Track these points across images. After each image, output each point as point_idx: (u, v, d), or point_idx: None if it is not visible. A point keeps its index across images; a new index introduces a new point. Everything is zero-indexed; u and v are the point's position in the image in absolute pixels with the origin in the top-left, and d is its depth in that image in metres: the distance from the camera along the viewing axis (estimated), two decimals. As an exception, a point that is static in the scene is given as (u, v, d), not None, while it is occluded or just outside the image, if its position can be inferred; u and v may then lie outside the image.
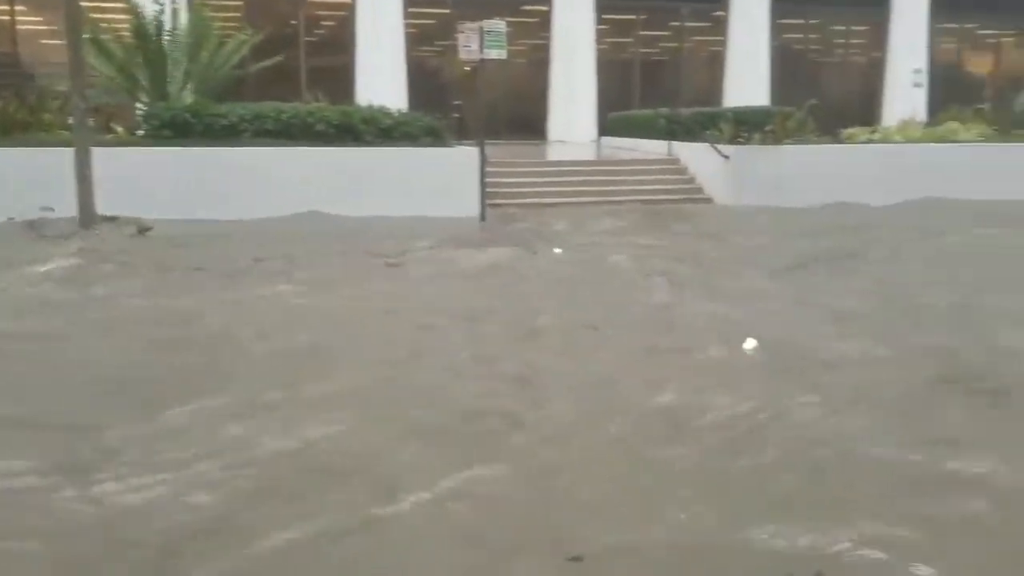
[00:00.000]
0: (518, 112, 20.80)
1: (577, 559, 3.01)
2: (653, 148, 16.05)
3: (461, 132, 14.40)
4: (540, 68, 20.81)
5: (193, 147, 11.33)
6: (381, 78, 18.38)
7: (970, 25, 23.35)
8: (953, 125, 15.62)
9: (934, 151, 14.44)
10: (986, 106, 17.58)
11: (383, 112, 12.67)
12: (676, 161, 15.07)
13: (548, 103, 20.80)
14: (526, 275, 8.11)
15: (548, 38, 20.62)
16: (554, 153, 18.22)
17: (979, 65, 24.16)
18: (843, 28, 22.95)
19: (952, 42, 23.44)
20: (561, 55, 20.51)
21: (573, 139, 20.07)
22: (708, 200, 13.89)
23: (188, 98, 12.87)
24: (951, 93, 19.96)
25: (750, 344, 5.42)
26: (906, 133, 15.52)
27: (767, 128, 14.13)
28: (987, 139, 15.17)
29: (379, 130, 12.31)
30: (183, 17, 13.43)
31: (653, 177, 14.63)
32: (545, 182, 14.08)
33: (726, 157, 13.54)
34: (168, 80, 12.87)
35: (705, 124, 14.80)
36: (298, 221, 10.68)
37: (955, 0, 21.49)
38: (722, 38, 21.57)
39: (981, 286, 7.44)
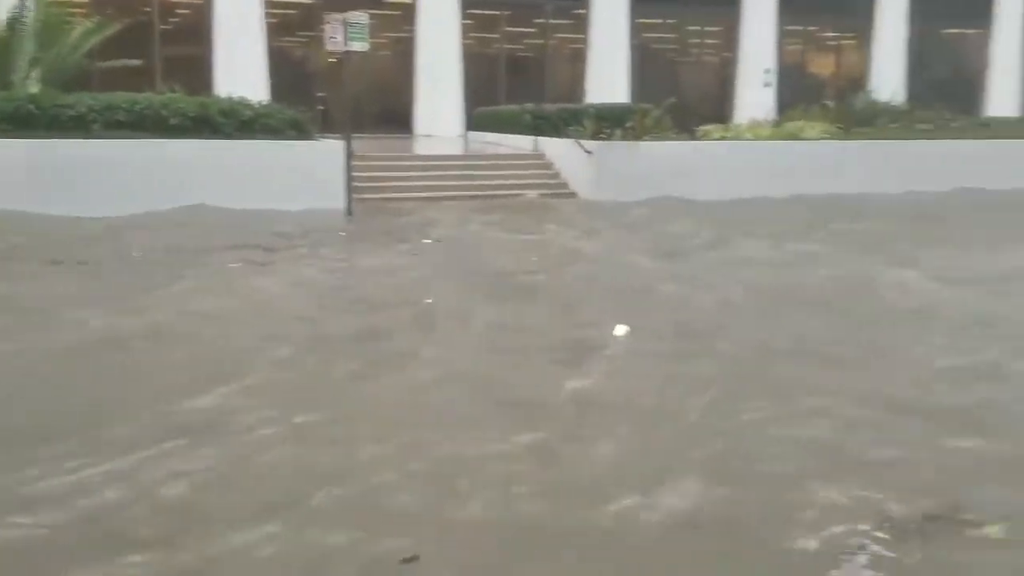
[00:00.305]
0: (384, 105, 20.68)
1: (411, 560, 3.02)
2: (520, 143, 16.26)
3: (326, 125, 14.19)
4: (405, 61, 20.73)
5: (35, 139, 10.73)
6: (241, 69, 17.88)
7: (813, 28, 24.69)
8: (800, 123, 16.48)
9: (782, 148, 15.20)
10: (831, 104, 18.60)
11: (243, 104, 12.32)
12: (542, 156, 15.31)
13: (414, 97, 20.75)
14: (394, 268, 8.12)
15: (412, 31, 20.56)
16: (422, 147, 18.18)
17: (823, 66, 25.58)
18: (698, 28, 23.85)
19: (798, 43, 24.72)
20: (426, 49, 20.49)
21: (440, 133, 20.10)
22: (573, 195, 14.18)
23: (33, 88, 12.16)
24: (798, 92, 21.07)
25: (620, 330, 5.58)
26: (756, 131, 16.25)
27: (628, 125, 14.54)
28: (831, 136, 16.07)
29: (239, 123, 11.96)
30: (30, 3, 12.67)
31: (520, 172, 14.82)
32: (413, 176, 14.05)
33: (589, 153, 13.86)
34: (12, 70, 12.12)
35: (569, 120, 15.10)
36: (153, 217, 10.26)
37: (800, 3, 22.66)
38: (584, 36, 22.04)
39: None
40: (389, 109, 20.72)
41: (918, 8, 23.72)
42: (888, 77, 23.10)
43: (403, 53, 20.78)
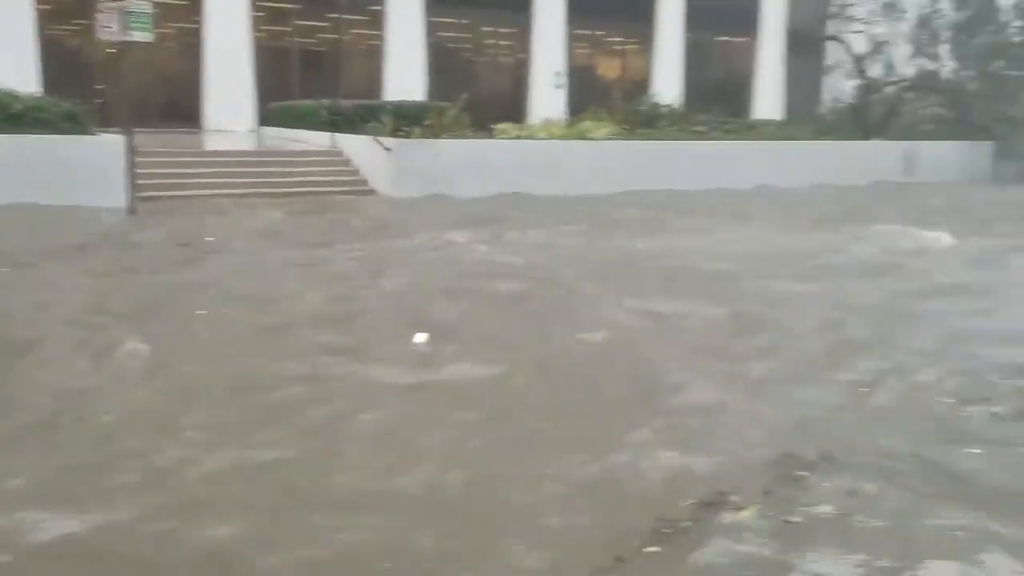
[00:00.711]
0: (171, 99, 19.76)
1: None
2: (316, 140, 16.03)
3: (107, 119, 13.39)
4: (193, 53, 19.87)
5: None
6: (10, 59, 16.46)
7: (600, 32, 25.87)
8: (588, 123, 17.25)
9: (573, 147, 15.86)
10: (618, 106, 19.59)
11: (11, 96, 11.42)
12: (340, 153, 15.17)
13: (203, 90, 19.93)
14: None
15: (200, 22, 19.74)
16: (213, 143, 17.50)
17: (610, 69, 26.85)
18: (491, 29, 24.38)
19: (586, 47, 25.82)
20: (215, 40, 19.72)
21: (232, 128, 19.41)
22: (372, 192, 14.15)
23: None
24: (588, 94, 22.05)
25: (420, 338, 5.65)
26: (548, 130, 16.86)
27: (426, 122, 14.69)
28: (617, 136, 16.94)
29: (7, 116, 11.09)
30: None
31: (317, 169, 14.62)
32: (203, 173, 13.49)
33: (388, 150, 13.88)
34: None
35: (366, 117, 15.06)
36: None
37: (587, 9, 23.65)
38: (380, 32, 21.97)
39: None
40: (176, 103, 19.80)
41: (693, 17, 25.37)
42: (668, 81, 24.61)
43: (190, 44, 19.90)
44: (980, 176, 19.82)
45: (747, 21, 26.92)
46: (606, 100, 20.46)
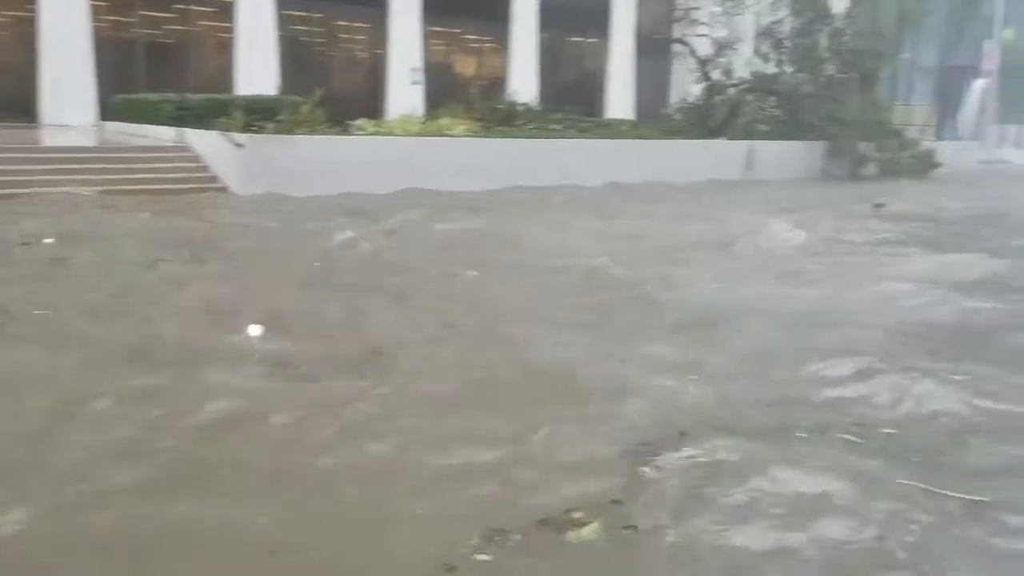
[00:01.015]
0: (3, 92, 18.60)
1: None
2: (163, 134, 15.46)
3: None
4: (28, 43, 18.78)
5: None
6: None
7: (457, 30, 26.02)
8: (446, 120, 17.36)
9: (430, 144, 15.94)
10: (475, 103, 19.77)
11: None
12: (188, 148, 14.68)
13: (39, 83, 18.87)
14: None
15: (35, 11, 18.68)
16: (51, 138, 16.60)
17: (467, 67, 27.04)
18: (347, 24, 24.12)
19: (443, 44, 25.91)
20: (51, 30, 18.71)
21: (71, 123, 18.45)
22: (223, 189, 13.78)
23: None
24: (445, 91, 22.14)
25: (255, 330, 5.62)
26: (405, 127, 16.86)
27: (280, 118, 14.42)
28: (475, 134, 17.12)
29: None
30: None
31: (165, 165, 14.11)
32: (43, 170, 12.78)
33: (240, 145, 13.56)
34: None
35: (216, 111, 14.61)
36: None
37: (442, 6, 23.77)
38: (230, 24, 21.37)
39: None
40: (9, 96, 18.65)
41: (547, 17, 25.88)
42: (525, 80, 25.03)
43: (25, 34, 18.80)
44: (813, 174, 21.12)
45: (599, 22, 27.69)
46: (464, 97, 20.62)
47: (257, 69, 20.77)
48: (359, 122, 16.64)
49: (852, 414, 4.46)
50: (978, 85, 35.96)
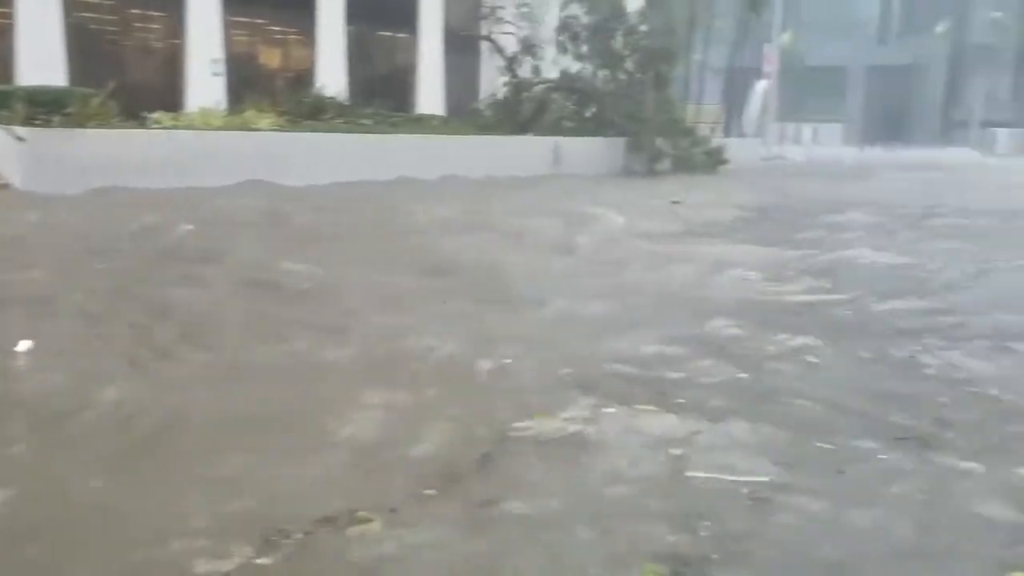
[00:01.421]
0: None
1: None
2: (-69, 127, 14.17)
3: None
4: None
5: None
6: None
7: (260, 21, 25.26)
8: (250, 113, 16.91)
9: (234, 138, 15.48)
10: (281, 96, 19.36)
11: None
12: (-38, 143, 13.55)
13: None
14: None
15: None
16: None
17: (272, 59, 26.29)
18: (140, 12, 22.88)
19: (246, 36, 25.08)
20: None
21: None
22: (5, 186, 12.83)
23: None
24: (249, 83, 21.48)
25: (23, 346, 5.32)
26: (206, 120, 16.29)
27: (68, 110, 13.59)
28: (280, 128, 16.78)
29: None
30: None
31: (-66, 160, 12.97)
32: None
33: (22, 139, 12.68)
34: None
35: (-6, 103, 13.60)
36: None
37: (244, -3, 23.05)
38: (9, 10, 19.79)
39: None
40: None
41: (354, 11, 25.62)
42: (333, 74, 24.67)
43: None
44: (615, 169, 22.15)
45: (408, 18, 27.68)
46: (269, 91, 20.13)
47: (42, 58, 19.30)
48: (156, 115, 15.95)
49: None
50: (760, 86, 38.91)
